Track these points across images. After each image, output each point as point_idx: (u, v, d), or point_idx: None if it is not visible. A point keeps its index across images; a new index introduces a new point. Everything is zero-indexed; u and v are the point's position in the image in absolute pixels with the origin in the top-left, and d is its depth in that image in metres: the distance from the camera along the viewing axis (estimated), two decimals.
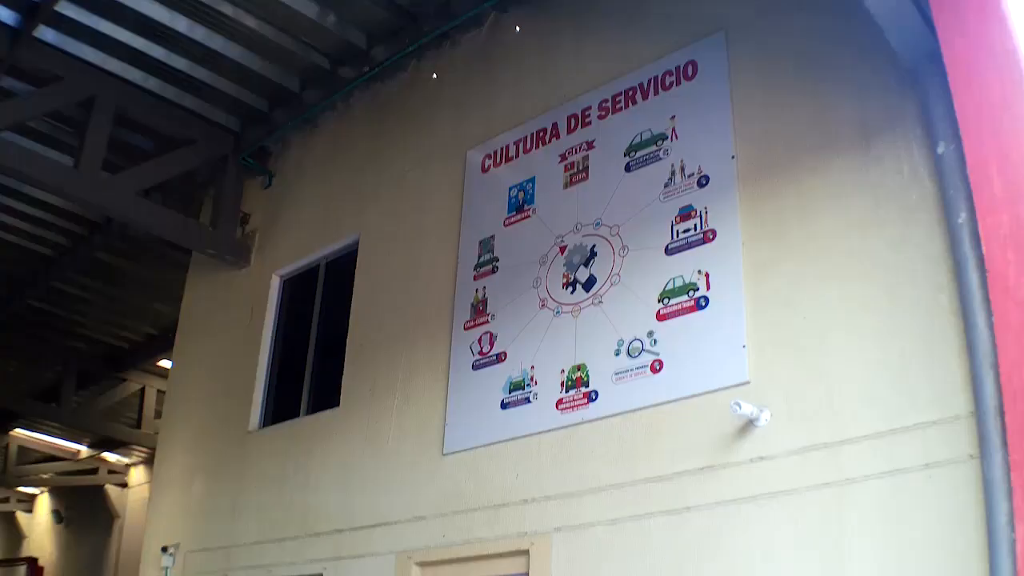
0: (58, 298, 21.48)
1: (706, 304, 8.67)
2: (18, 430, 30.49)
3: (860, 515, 7.22)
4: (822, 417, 7.62)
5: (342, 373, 12.18)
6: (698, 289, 8.75)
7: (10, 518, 40.44)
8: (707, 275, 8.74)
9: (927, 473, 6.91)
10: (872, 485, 7.20)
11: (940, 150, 7.43)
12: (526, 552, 9.29)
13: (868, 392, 7.44)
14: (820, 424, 7.61)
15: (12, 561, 36.97)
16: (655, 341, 8.89)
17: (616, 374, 9.07)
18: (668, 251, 9.11)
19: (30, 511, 39.20)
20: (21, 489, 37.17)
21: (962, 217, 7.11)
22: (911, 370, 7.24)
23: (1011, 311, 6.57)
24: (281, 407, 13.36)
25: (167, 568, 13.93)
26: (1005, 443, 6.41)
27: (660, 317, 8.93)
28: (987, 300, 6.75)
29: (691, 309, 8.75)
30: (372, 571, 10.66)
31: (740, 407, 7.82)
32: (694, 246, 8.94)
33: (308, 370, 13.20)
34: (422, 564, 10.24)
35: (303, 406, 12.94)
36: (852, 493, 7.29)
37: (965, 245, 7.04)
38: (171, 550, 13.90)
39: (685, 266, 8.93)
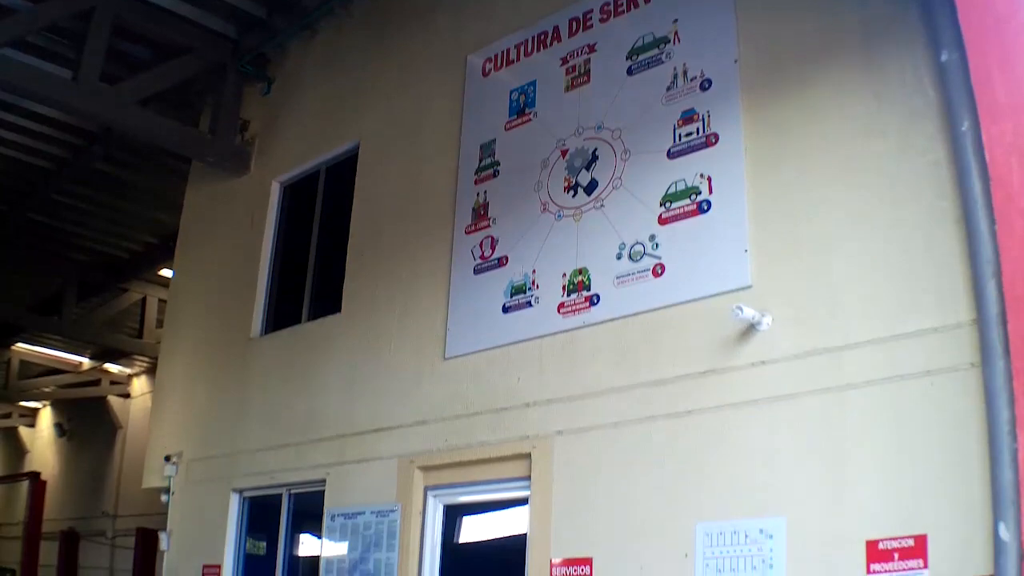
0: (58, 210, 21.43)
1: (708, 208, 8.63)
2: (19, 344, 30.55)
3: (861, 420, 7.24)
4: (824, 322, 7.61)
5: (343, 279, 12.20)
6: (700, 193, 8.71)
7: (12, 433, 40.64)
8: (709, 179, 8.69)
9: (928, 380, 6.91)
10: (873, 391, 7.20)
11: (943, 58, 7.32)
12: (528, 455, 9.36)
13: (870, 297, 7.42)
14: (822, 329, 7.60)
15: (14, 477, 37.20)
16: (657, 245, 8.87)
17: (618, 278, 9.07)
18: (670, 155, 9.05)
19: (32, 425, 39.38)
20: (23, 404, 37.32)
21: (965, 125, 7.02)
22: (913, 276, 7.21)
23: (1015, 219, 6.55)
24: (282, 314, 13.38)
25: (170, 477, 14.04)
26: (1007, 351, 6.41)
27: (662, 221, 8.90)
28: (990, 208, 6.71)
29: (693, 213, 8.72)
30: (375, 475, 10.76)
31: (742, 311, 7.82)
32: (696, 150, 8.88)
33: (309, 276, 13.21)
34: (424, 468, 10.33)
35: (304, 312, 12.96)
36: (853, 398, 7.30)
37: (968, 153, 6.96)
38: (174, 459, 14.01)
39: (687, 170, 8.87)
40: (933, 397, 6.88)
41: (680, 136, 9.03)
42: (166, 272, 21.98)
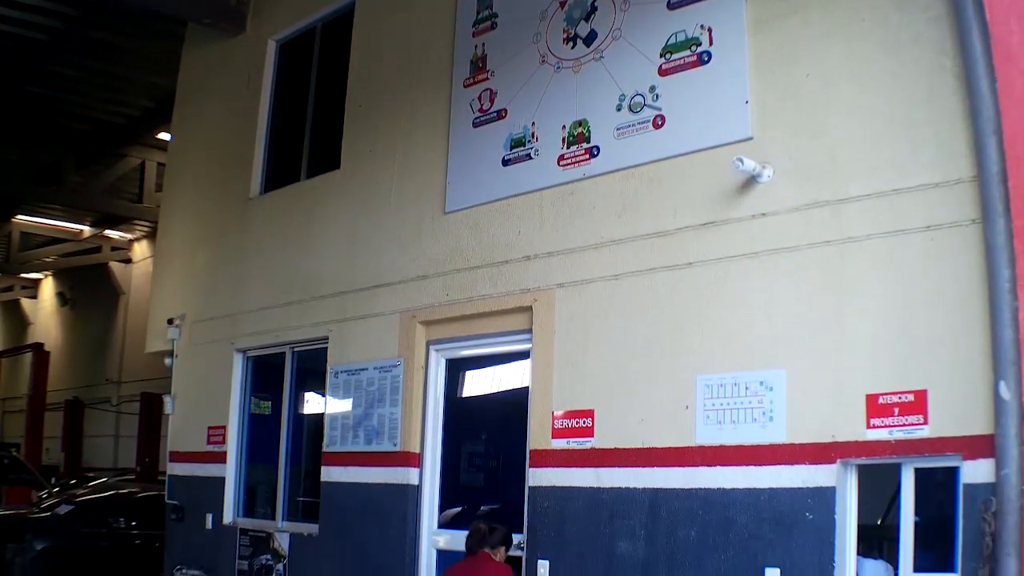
0: (55, 81, 21.29)
1: (708, 59, 8.54)
2: (20, 216, 30.61)
3: (861, 274, 7.28)
4: (824, 175, 7.60)
5: (341, 135, 12.10)
6: (700, 44, 8.60)
7: (14, 306, 40.93)
8: (710, 30, 8.57)
9: (929, 235, 6.92)
10: (874, 244, 7.23)
11: None
12: (529, 308, 9.42)
13: (870, 151, 7.40)
14: (822, 182, 7.59)
15: (18, 349, 37.43)
16: (657, 96, 8.79)
17: (618, 129, 9.00)
18: (670, 5, 8.91)
19: (34, 297, 39.66)
20: (24, 276, 37.44)
21: None
22: (914, 131, 7.17)
23: (1015, 79, 6.54)
24: (281, 172, 13.32)
25: (173, 340, 14.13)
26: (1008, 209, 6.43)
27: (662, 72, 8.81)
28: (990, 66, 6.66)
29: (693, 64, 8.62)
30: (377, 331, 10.87)
31: (742, 163, 7.78)
32: (697, 0, 8.72)
33: (307, 134, 13.10)
34: (426, 322, 10.41)
35: (303, 170, 12.90)
36: (853, 252, 7.33)
37: (968, 11, 6.85)
38: (177, 322, 14.10)
39: (687, 21, 8.74)
40: (934, 253, 6.90)
41: None
42: (164, 136, 21.88)
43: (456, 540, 8.69)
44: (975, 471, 6.50)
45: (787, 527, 7.35)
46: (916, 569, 6.90)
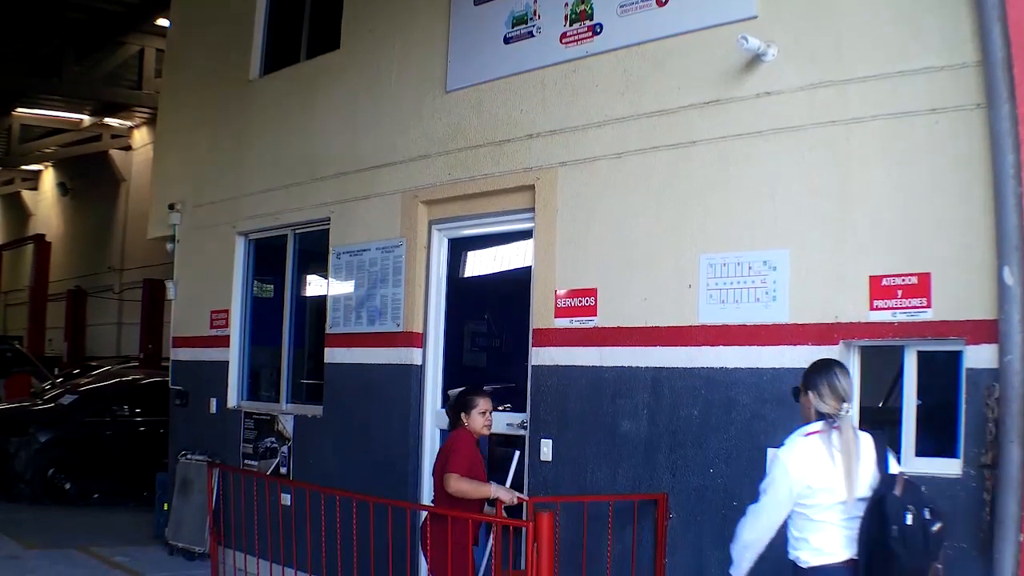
0: None
1: None
2: (20, 109, 30.56)
3: (866, 155, 7.23)
4: (829, 55, 7.50)
5: (341, 14, 11.88)
6: None
7: (15, 198, 40.97)
8: None
9: (933, 118, 6.86)
10: (878, 125, 7.16)
11: None
12: (531, 187, 9.37)
13: (876, 32, 7.29)
14: (827, 62, 7.49)
15: (19, 241, 37.51)
16: None
17: (621, 7, 8.85)
18: None
19: (35, 188, 39.67)
20: (25, 168, 37.41)
21: None
22: (920, 13, 7.06)
23: None
24: (281, 53, 13.13)
25: (175, 225, 14.10)
26: (1013, 95, 6.36)
27: None
28: None
29: None
30: (378, 211, 10.84)
31: (747, 41, 7.65)
32: None
33: (307, 14, 12.86)
34: (428, 202, 10.38)
35: (303, 51, 12.72)
36: (858, 133, 7.26)
37: None
38: (178, 207, 14.05)
39: None
40: (939, 135, 6.84)
41: None
42: (163, 22, 21.72)
43: None
44: (978, 356, 6.52)
45: (789, 407, 7.29)
46: (918, 453, 6.93)
